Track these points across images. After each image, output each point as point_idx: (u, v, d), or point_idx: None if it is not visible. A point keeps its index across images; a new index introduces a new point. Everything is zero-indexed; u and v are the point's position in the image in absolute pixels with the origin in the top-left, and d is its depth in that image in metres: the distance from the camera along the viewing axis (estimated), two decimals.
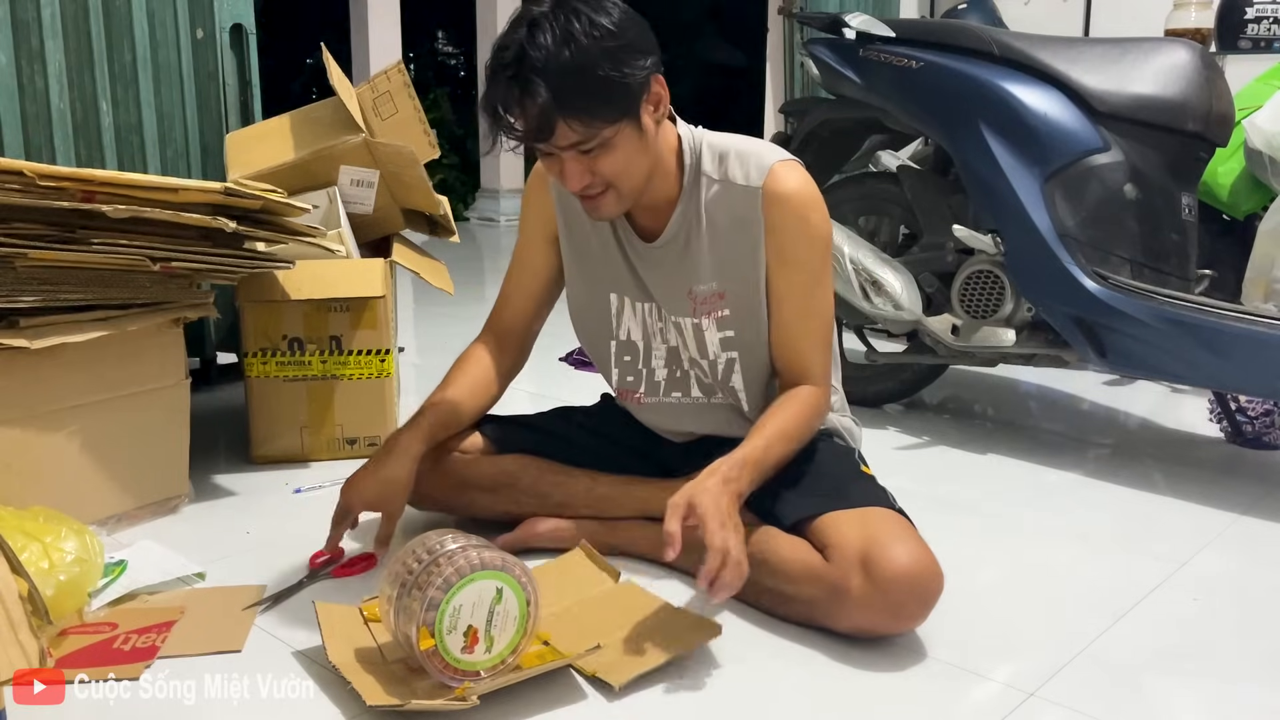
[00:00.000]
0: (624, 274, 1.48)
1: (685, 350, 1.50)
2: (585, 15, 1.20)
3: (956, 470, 2.08)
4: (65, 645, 1.27)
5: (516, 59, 1.20)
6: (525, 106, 1.21)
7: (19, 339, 1.48)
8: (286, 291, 1.94)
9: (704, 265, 1.42)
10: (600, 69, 1.20)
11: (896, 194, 2.34)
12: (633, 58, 1.23)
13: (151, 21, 2.23)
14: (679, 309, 1.46)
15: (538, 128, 1.23)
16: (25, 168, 1.44)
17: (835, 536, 1.30)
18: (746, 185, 1.37)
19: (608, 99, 1.23)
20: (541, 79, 1.19)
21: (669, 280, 1.45)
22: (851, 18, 2.27)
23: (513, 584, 1.14)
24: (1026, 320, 2.12)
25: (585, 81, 1.20)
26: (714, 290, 1.42)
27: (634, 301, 1.50)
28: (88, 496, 1.61)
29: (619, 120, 1.25)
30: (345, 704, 1.17)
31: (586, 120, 1.22)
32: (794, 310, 1.41)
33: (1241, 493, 1.92)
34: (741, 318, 1.44)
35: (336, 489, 1.84)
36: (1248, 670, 1.30)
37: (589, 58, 1.19)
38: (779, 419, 1.36)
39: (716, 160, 1.39)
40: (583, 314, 1.56)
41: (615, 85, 1.22)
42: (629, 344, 1.54)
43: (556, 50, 1.19)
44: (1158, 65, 2.00)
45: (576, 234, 1.51)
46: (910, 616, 1.28)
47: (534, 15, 1.21)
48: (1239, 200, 2.38)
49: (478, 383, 1.56)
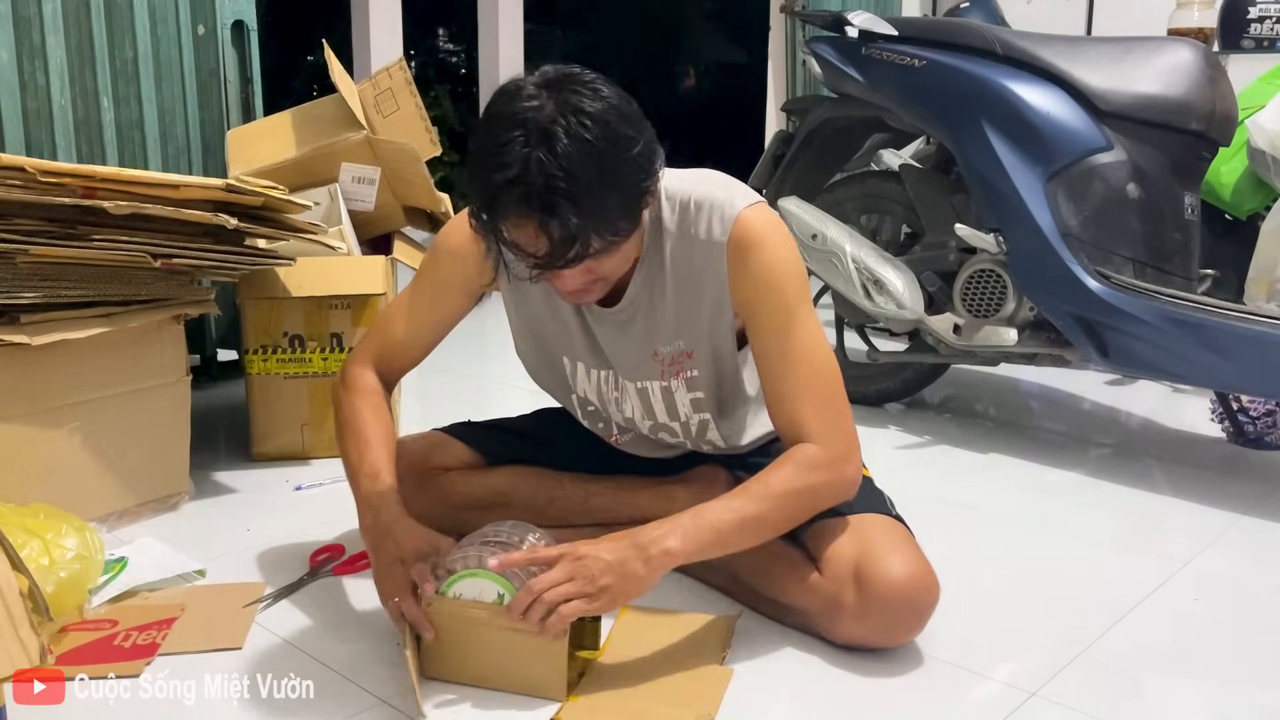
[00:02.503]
0: (578, 340, 1.37)
1: (649, 417, 1.41)
2: (594, 113, 1.06)
3: (958, 470, 2.08)
4: (66, 642, 1.27)
5: (540, 177, 1.03)
6: (548, 231, 1.05)
7: (20, 335, 1.48)
8: (287, 288, 1.94)
9: (668, 325, 1.31)
10: (628, 182, 1.09)
11: (898, 193, 2.34)
12: (650, 160, 1.12)
13: (153, 18, 2.22)
14: (644, 374, 1.36)
15: (559, 251, 1.07)
16: (27, 164, 1.44)
17: (828, 549, 1.28)
18: (709, 240, 1.24)
19: (634, 209, 1.13)
20: (568, 200, 1.03)
21: (632, 345, 1.34)
22: (854, 16, 2.26)
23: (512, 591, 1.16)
24: (1028, 319, 2.11)
25: (615, 197, 1.08)
26: (681, 349, 1.32)
27: (588, 368, 1.40)
28: (88, 493, 1.61)
29: (634, 228, 1.15)
30: (345, 703, 1.17)
31: (609, 236, 1.10)
32: (775, 358, 1.26)
33: (1243, 493, 1.92)
34: (710, 376, 1.34)
35: (336, 486, 1.85)
36: (1249, 670, 1.30)
37: (615, 170, 1.07)
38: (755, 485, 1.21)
39: (677, 213, 1.26)
40: (536, 371, 1.46)
41: (640, 194, 1.12)
42: (587, 401, 1.45)
43: (582, 165, 1.04)
44: (1161, 64, 2.00)
45: (523, 299, 1.38)
46: (905, 631, 1.26)
47: (540, 124, 1.04)
48: (1242, 200, 2.38)
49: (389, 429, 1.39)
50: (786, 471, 1.21)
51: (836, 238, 2.22)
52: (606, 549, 1.15)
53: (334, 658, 1.26)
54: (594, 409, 1.47)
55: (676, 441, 1.46)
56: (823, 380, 1.25)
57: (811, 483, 1.22)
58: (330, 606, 1.40)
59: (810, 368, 1.25)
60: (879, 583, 1.22)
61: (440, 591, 1.16)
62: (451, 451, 1.55)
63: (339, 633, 1.33)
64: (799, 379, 1.24)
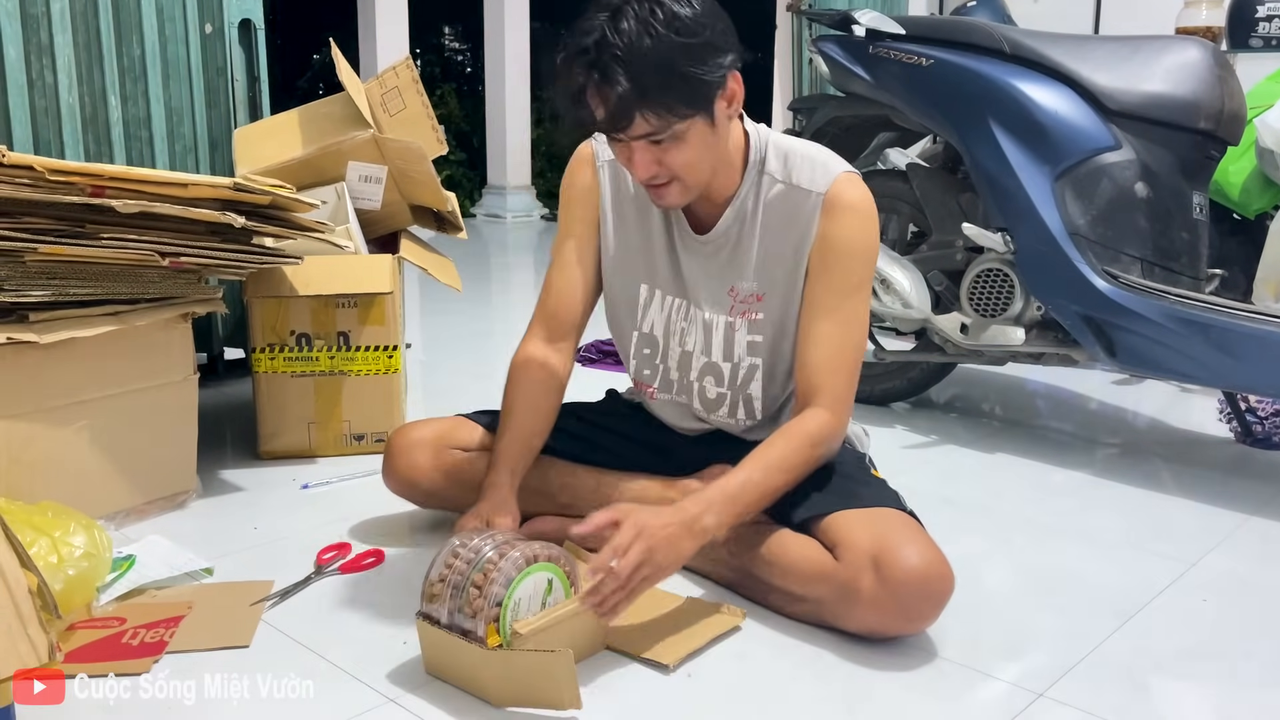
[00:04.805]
0: (662, 266, 1.46)
1: (705, 355, 1.46)
2: (668, 6, 1.19)
3: (964, 469, 2.07)
4: (74, 640, 1.27)
5: (597, 45, 1.18)
6: (604, 94, 1.20)
7: (28, 334, 1.48)
8: (294, 287, 1.94)
9: (750, 263, 1.40)
10: (681, 63, 1.19)
11: (905, 192, 2.33)
12: (712, 54, 1.22)
13: (160, 16, 2.23)
14: (717, 305, 1.44)
15: (614, 116, 1.21)
16: (35, 162, 1.44)
17: (845, 536, 1.30)
18: (810, 190, 1.35)
19: (686, 93, 1.22)
20: (621, 68, 1.17)
21: (713, 275, 1.43)
22: (861, 14, 2.26)
23: (559, 573, 1.20)
24: (1036, 319, 2.11)
25: (665, 74, 1.19)
26: (754, 291, 1.41)
27: (664, 295, 1.48)
28: (96, 491, 1.62)
29: (694, 115, 1.24)
30: (346, 703, 1.17)
31: (663, 113, 1.21)
32: (820, 314, 1.36)
33: (1251, 493, 1.91)
34: (773, 324, 1.42)
35: (343, 485, 1.86)
36: (1257, 671, 1.29)
37: (670, 51, 1.18)
38: (775, 451, 1.31)
39: (782, 161, 1.38)
40: (613, 301, 1.53)
41: (694, 81, 1.21)
42: (649, 337, 1.51)
43: (638, 40, 1.17)
44: (1169, 63, 1.99)
45: (621, 222, 1.48)
46: (921, 617, 1.27)
47: (616, 2, 1.20)
48: (1250, 199, 2.37)
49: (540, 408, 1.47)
50: (800, 444, 1.32)
51: None
52: (662, 526, 1.19)
53: (341, 656, 1.26)
54: (649, 351, 1.52)
55: (718, 393, 1.48)
56: (856, 353, 1.38)
57: (818, 455, 1.35)
58: (337, 605, 1.41)
59: (852, 338, 1.37)
60: (896, 569, 1.23)
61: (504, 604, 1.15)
62: (469, 433, 1.60)
63: (346, 631, 1.33)
64: (841, 345, 1.36)
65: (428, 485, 1.57)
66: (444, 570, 1.18)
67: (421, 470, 1.57)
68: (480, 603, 1.14)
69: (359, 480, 1.85)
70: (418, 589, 1.21)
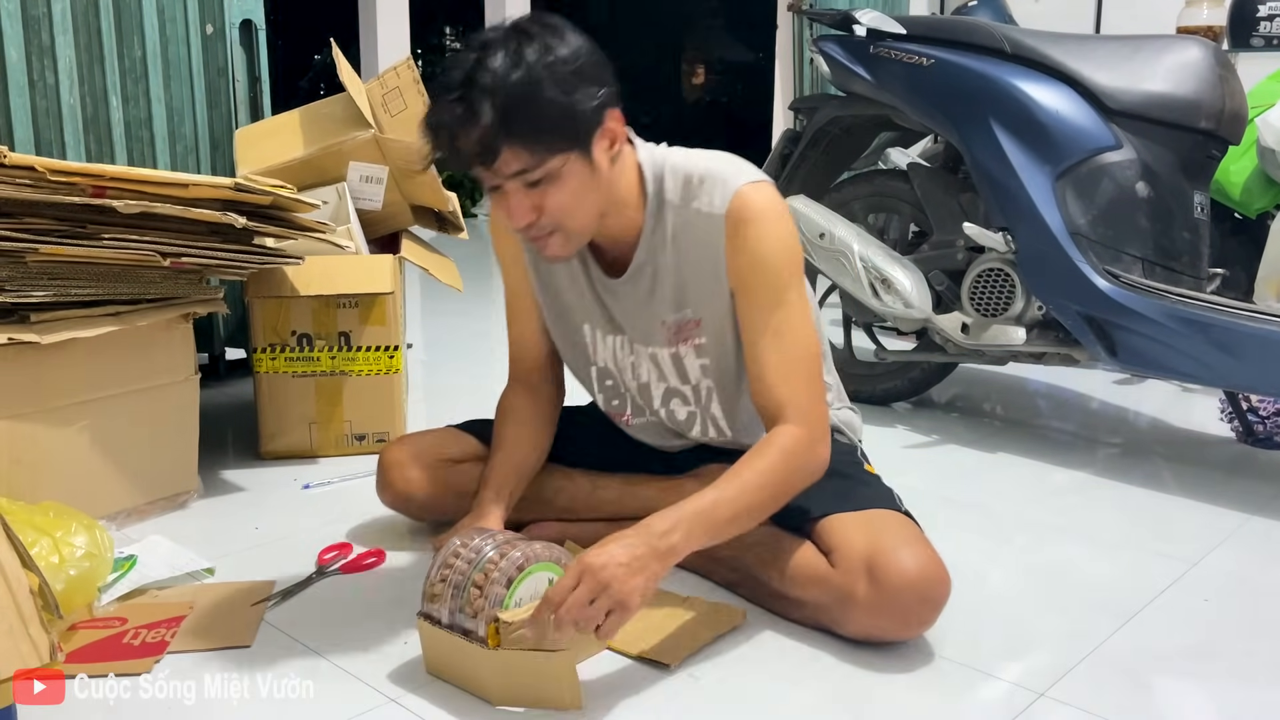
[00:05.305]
0: (593, 306, 1.43)
1: (664, 381, 1.44)
2: (540, 41, 1.16)
3: (965, 469, 2.07)
4: (75, 640, 1.27)
5: (465, 80, 1.15)
6: (469, 128, 1.15)
7: (29, 334, 1.48)
8: (295, 287, 1.94)
9: (673, 295, 1.35)
10: (548, 93, 1.15)
11: (906, 191, 2.33)
12: (584, 87, 1.18)
13: (161, 17, 2.23)
14: (653, 340, 1.40)
15: (481, 151, 1.16)
16: (36, 163, 1.44)
17: (840, 541, 1.29)
18: (710, 213, 1.29)
19: (555, 126, 1.17)
20: (488, 101, 1.13)
21: (640, 313, 1.39)
22: (862, 14, 2.26)
23: (560, 573, 1.19)
24: (1037, 318, 2.11)
25: (532, 105, 1.15)
26: (688, 318, 1.36)
27: (604, 334, 1.45)
28: (97, 491, 1.62)
29: (567, 151, 1.18)
30: (346, 703, 1.17)
31: (533, 146, 1.16)
32: (756, 334, 1.30)
33: (1253, 493, 1.91)
34: (716, 345, 1.38)
35: (345, 485, 1.86)
36: (1259, 671, 1.29)
37: (539, 83, 1.14)
38: (747, 468, 1.25)
39: (680, 186, 1.31)
40: (561, 343, 1.51)
41: (563, 112, 1.16)
42: (606, 370, 1.49)
43: (505, 73, 1.14)
44: (1170, 63, 1.99)
45: (546, 275, 1.45)
46: (918, 623, 1.27)
47: (487, 38, 1.17)
48: (1251, 199, 2.37)
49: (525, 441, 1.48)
50: (773, 459, 1.25)
51: (844, 236, 2.22)
52: (623, 554, 1.13)
53: (342, 656, 1.26)
54: (611, 382, 1.50)
55: (688, 413, 1.47)
56: (807, 360, 1.31)
57: (795, 468, 1.27)
58: (338, 605, 1.41)
59: (796, 346, 1.30)
60: (891, 574, 1.22)
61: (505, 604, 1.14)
62: (462, 444, 1.59)
63: (347, 631, 1.33)
64: (785, 357, 1.29)
65: (423, 499, 1.57)
66: (445, 570, 1.18)
67: (416, 484, 1.56)
68: (481, 602, 1.14)
69: (360, 480, 1.85)
70: (419, 589, 1.22)
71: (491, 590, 1.14)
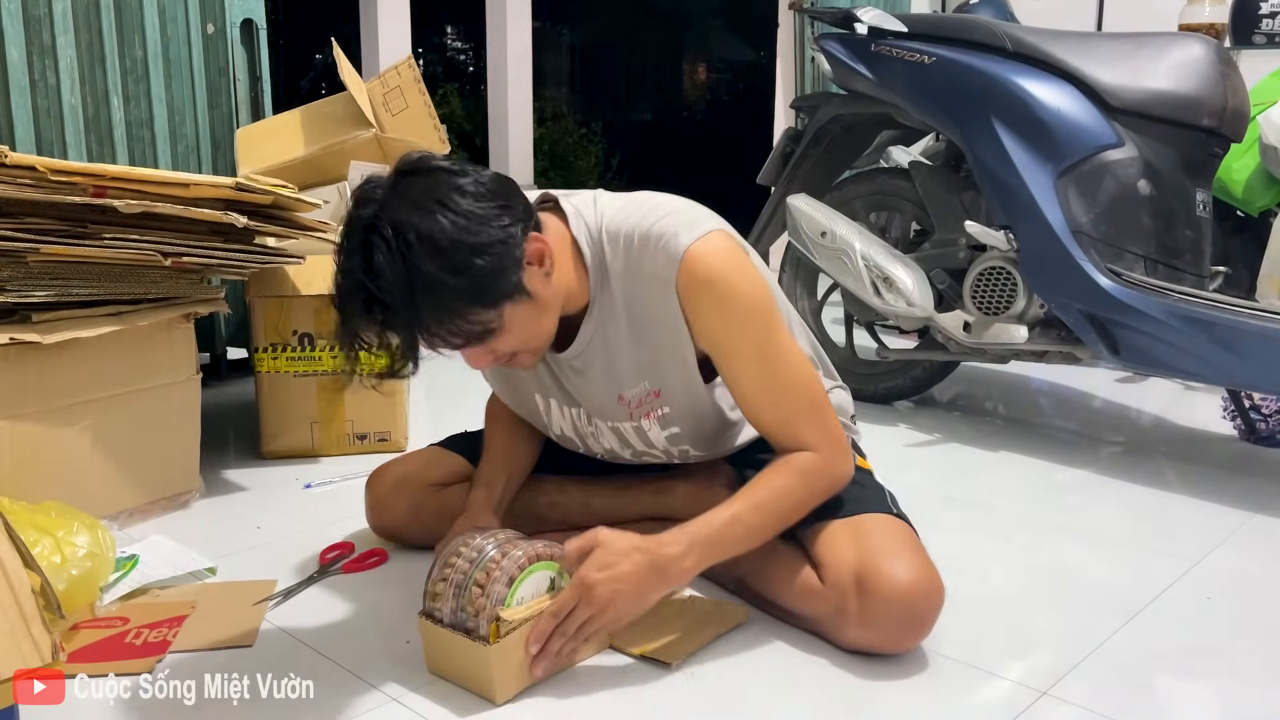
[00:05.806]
0: (548, 380, 1.37)
1: (629, 447, 1.40)
2: (414, 225, 1.05)
3: (967, 467, 2.07)
4: (77, 640, 1.27)
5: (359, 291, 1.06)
6: (388, 338, 1.10)
7: (31, 334, 1.48)
8: (297, 287, 1.94)
9: (629, 368, 1.29)
10: (451, 282, 1.06)
11: (908, 190, 2.33)
12: (486, 244, 1.08)
13: (162, 17, 2.23)
14: (613, 414, 1.34)
15: (411, 352, 1.12)
16: (38, 163, 1.44)
17: (828, 554, 1.26)
18: (660, 278, 1.20)
19: (476, 300, 1.10)
20: (389, 310, 1.06)
21: (595, 389, 1.32)
22: (863, 12, 2.26)
23: (561, 572, 1.20)
24: (1039, 317, 2.11)
25: (438, 300, 1.07)
26: (647, 390, 1.30)
27: (561, 405, 1.39)
28: (99, 491, 1.62)
29: (498, 306, 1.12)
30: (348, 703, 1.17)
31: (460, 326, 1.11)
32: (745, 386, 1.25)
33: (1255, 491, 1.91)
34: (682, 413, 1.32)
35: (346, 484, 1.86)
36: (1261, 669, 1.29)
37: (434, 275, 1.05)
38: (765, 490, 1.22)
39: (622, 253, 1.23)
40: (519, 411, 1.47)
41: (479, 286, 1.09)
42: (567, 438, 1.44)
43: (395, 278, 1.05)
44: (1172, 60, 1.99)
45: None
46: (911, 637, 1.25)
47: (363, 235, 1.06)
48: (1253, 196, 2.37)
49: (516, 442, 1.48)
50: (792, 481, 1.24)
51: (846, 235, 2.22)
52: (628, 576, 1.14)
53: (344, 656, 1.26)
54: (577, 442, 1.45)
55: (661, 460, 1.44)
56: (811, 397, 1.27)
57: (815, 489, 1.25)
58: (340, 604, 1.41)
59: (799, 389, 1.26)
60: (881, 590, 1.20)
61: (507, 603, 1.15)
62: (448, 466, 1.55)
63: (349, 630, 1.33)
64: (793, 402, 1.25)
65: (416, 532, 1.53)
66: (446, 570, 1.18)
67: (404, 519, 1.53)
68: (483, 601, 1.14)
69: (362, 480, 1.84)
70: (420, 588, 1.22)
71: (493, 589, 1.14)
